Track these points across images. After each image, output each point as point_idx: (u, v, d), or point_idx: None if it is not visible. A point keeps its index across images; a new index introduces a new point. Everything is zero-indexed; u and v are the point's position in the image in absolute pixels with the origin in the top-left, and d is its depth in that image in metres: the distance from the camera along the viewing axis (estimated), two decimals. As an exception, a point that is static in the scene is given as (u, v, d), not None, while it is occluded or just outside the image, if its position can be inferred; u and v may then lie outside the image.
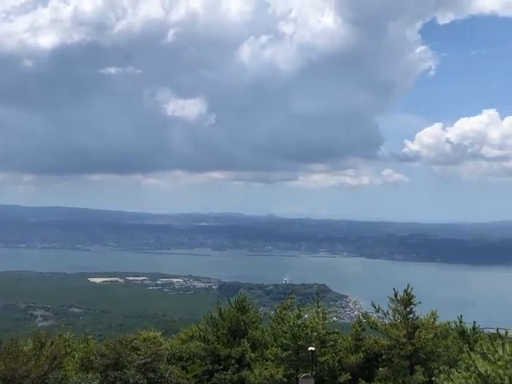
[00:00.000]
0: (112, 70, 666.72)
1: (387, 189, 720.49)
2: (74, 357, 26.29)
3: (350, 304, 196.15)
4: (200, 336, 28.21)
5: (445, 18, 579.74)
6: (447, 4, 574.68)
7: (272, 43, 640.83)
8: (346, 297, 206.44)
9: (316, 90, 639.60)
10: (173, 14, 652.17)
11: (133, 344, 25.31)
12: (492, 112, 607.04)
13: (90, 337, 29.05)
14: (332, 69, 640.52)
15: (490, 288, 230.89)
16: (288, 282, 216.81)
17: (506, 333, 15.31)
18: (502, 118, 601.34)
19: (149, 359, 24.32)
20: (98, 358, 24.57)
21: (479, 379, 14.78)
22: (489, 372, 14.77)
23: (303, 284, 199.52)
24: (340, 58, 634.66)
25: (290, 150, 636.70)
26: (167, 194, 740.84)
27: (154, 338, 26.98)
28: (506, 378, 14.59)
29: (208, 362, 27.16)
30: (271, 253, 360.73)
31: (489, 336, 17.07)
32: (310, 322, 26.00)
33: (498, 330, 15.55)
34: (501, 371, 14.81)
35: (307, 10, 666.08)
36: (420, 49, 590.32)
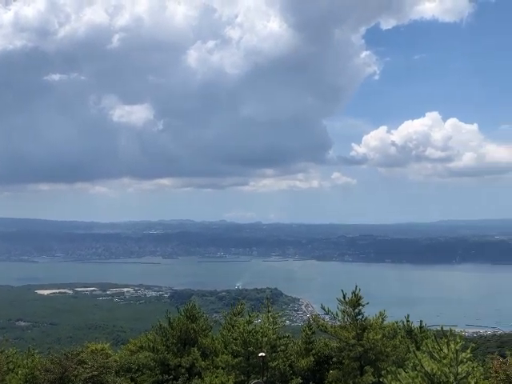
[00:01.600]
0: (56, 77, 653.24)
1: (336, 191, 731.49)
2: (17, 373, 25.30)
3: (303, 307, 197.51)
4: (149, 346, 27.64)
5: (388, 24, 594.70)
6: (390, 10, 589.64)
7: (219, 48, 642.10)
8: (299, 300, 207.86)
9: (265, 94, 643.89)
10: (117, 19, 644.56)
11: (79, 357, 24.55)
12: (434, 115, 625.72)
13: (35, 351, 28.04)
14: (280, 73, 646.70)
15: (437, 286, 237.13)
16: (241, 288, 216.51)
17: (451, 330, 15.49)
18: (444, 120, 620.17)
19: (96, 372, 23.61)
20: (43, 373, 23.69)
21: (426, 378, 14.95)
22: (435, 371, 14.94)
23: (256, 289, 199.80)
24: (287, 63, 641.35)
25: (240, 155, 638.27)
26: (115, 203, 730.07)
27: (101, 350, 26.26)
28: (452, 376, 14.79)
29: (157, 372, 26.62)
30: (223, 258, 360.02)
31: (434, 335, 17.28)
32: (261, 328, 25.83)
33: (442, 328, 15.70)
34: (446, 369, 15.00)
35: (253, 15, 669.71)
36: (364, 54, 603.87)
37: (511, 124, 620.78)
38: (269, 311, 27.70)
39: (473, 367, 15.13)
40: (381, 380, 20.21)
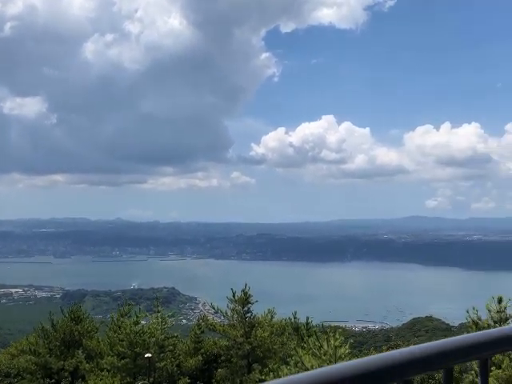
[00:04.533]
0: None
1: (236, 191, 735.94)
2: None
3: (200, 305, 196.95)
4: (30, 349, 26.26)
5: (287, 27, 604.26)
6: (289, 13, 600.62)
7: (118, 42, 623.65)
8: (196, 298, 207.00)
9: (165, 91, 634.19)
10: (9, 7, 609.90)
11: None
12: (330, 118, 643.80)
13: None
14: (181, 70, 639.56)
15: (330, 283, 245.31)
16: (137, 287, 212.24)
17: (333, 327, 15.82)
18: (339, 124, 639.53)
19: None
20: None
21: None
22: (314, 367, 15.25)
23: (152, 288, 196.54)
24: (188, 60, 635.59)
25: (139, 152, 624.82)
26: (4, 199, 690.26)
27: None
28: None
29: (39, 376, 25.40)
30: (119, 258, 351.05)
31: (315, 332, 17.64)
32: (149, 328, 25.30)
33: (322, 324, 16.03)
34: (326, 365, 15.34)
35: (154, 10, 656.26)
36: (264, 55, 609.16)
37: (400, 129, 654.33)
38: (158, 311, 27.23)
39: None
40: (265, 378, 20.40)
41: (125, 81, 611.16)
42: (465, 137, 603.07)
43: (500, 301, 19.86)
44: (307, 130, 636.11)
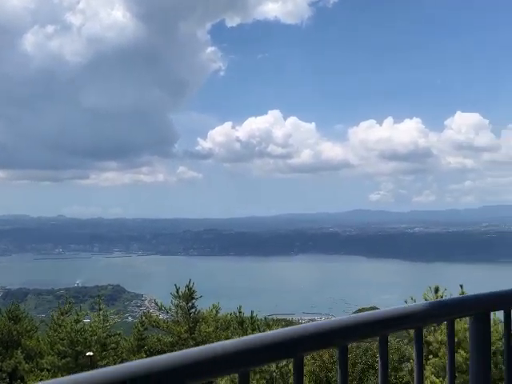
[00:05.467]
0: None
1: (182, 186, 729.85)
2: None
3: (146, 302, 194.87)
4: (-35, 352, 25.34)
5: (232, 21, 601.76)
6: (235, 8, 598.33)
7: (59, 34, 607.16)
8: (142, 295, 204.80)
9: (108, 84, 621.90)
10: None
11: None
12: (276, 113, 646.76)
13: None
14: (125, 64, 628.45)
15: (277, 276, 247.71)
16: (80, 285, 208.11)
17: (278, 320, 15.93)
18: (285, 119, 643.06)
19: None
20: None
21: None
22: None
23: (97, 286, 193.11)
24: (133, 54, 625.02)
25: (81, 146, 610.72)
26: None
27: None
28: (273, 366, 15.29)
29: (-26, 379, 24.51)
30: (62, 255, 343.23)
31: (258, 325, 17.72)
32: (90, 326, 24.85)
33: (265, 318, 16.13)
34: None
35: (96, 2, 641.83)
36: (210, 49, 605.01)
37: (344, 124, 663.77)
38: (100, 309, 26.80)
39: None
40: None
41: (66, 74, 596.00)
42: (407, 132, 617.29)
43: (437, 290, 20.51)
44: (254, 125, 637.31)
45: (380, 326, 2.02)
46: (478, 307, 2.32)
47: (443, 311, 2.27)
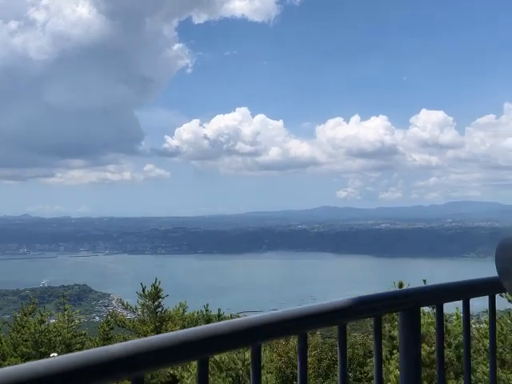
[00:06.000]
0: None
1: (149, 184, 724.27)
2: None
3: (113, 302, 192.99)
4: None
5: (200, 18, 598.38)
6: (201, 5, 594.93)
7: (22, 30, 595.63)
8: (109, 295, 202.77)
9: (74, 82, 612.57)
10: None
11: None
12: (244, 110, 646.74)
13: None
14: (91, 61, 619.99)
15: (246, 274, 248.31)
16: (46, 285, 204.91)
17: (237, 316, 15.86)
18: (253, 116, 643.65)
19: None
20: None
21: (214, 365, 15.30)
22: (223, 358, 15.36)
23: (63, 286, 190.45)
24: (98, 51, 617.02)
25: (46, 144, 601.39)
26: None
27: None
28: (240, 363, 15.33)
29: None
30: (27, 255, 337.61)
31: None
32: (54, 327, 24.47)
33: (231, 315, 16.16)
34: (235, 356, 15.52)
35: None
36: (177, 46, 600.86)
37: (312, 121, 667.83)
38: (65, 309, 26.44)
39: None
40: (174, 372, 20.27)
41: (31, 71, 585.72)
42: (373, 129, 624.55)
43: (401, 285, 20.77)
44: (222, 123, 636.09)
45: (302, 323, 1.99)
46: (407, 302, 2.30)
47: (370, 307, 2.24)
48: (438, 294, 2.45)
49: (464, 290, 2.54)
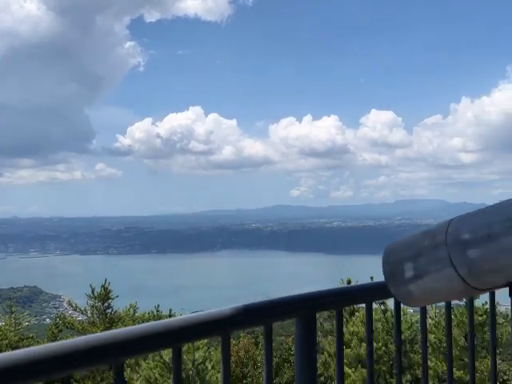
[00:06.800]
0: None
1: (101, 183, 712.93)
2: None
3: (64, 303, 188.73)
4: None
5: (152, 17, 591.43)
6: (153, 2, 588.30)
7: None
8: (60, 296, 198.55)
9: (23, 80, 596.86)
10: None
11: None
12: (197, 109, 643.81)
13: None
14: (40, 59, 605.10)
15: (200, 273, 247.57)
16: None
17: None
18: (207, 115, 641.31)
19: None
20: None
21: (164, 367, 15.31)
22: (169, 357, 15.39)
23: (12, 288, 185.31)
24: (48, 48, 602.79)
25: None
26: None
27: None
28: (189, 363, 15.39)
29: None
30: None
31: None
32: (0, 330, 23.96)
33: (181, 314, 16.14)
34: (185, 356, 15.56)
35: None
36: (129, 44, 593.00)
37: (265, 120, 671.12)
38: (12, 312, 25.90)
39: (209, 352, 16.02)
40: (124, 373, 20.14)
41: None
42: (325, 129, 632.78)
43: (349, 282, 21.28)
44: (175, 121, 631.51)
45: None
46: (303, 308, 2.20)
47: (258, 314, 2.14)
48: (336, 299, 2.33)
49: (365, 294, 2.43)
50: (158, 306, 27.26)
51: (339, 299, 2.34)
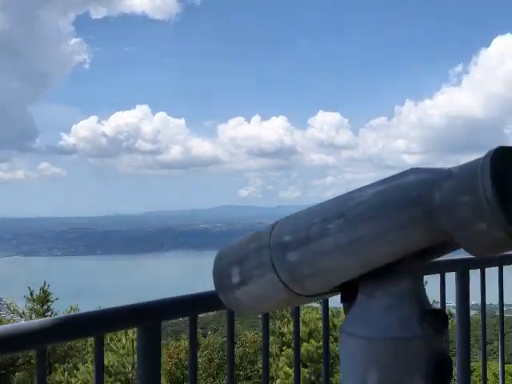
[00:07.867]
0: None
1: (44, 183, 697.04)
2: None
3: (5, 307, 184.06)
4: None
5: (98, 13, 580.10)
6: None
7: None
8: (1, 299, 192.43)
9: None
10: None
11: None
12: (144, 108, 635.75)
13: None
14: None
15: (146, 273, 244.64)
16: None
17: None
18: (154, 114, 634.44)
19: None
20: None
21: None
22: (112, 362, 15.06)
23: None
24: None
25: None
26: None
27: None
28: (129, 366, 15.09)
29: None
30: None
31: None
32: None
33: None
34: (124, 359, 15.25)
35: None
36: (74, 41, 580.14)
37: (214, 120, 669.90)
38: None
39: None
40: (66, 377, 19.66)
41: None
42: (273, 129, 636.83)
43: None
44: (121, 120, 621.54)
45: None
46: (147, 316, 1.96)
47: (86, 324, 1.87)
48: (188, 305, 2.08)
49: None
50: (100, 307, 26.63)
51: (191, 305, 2.10)
